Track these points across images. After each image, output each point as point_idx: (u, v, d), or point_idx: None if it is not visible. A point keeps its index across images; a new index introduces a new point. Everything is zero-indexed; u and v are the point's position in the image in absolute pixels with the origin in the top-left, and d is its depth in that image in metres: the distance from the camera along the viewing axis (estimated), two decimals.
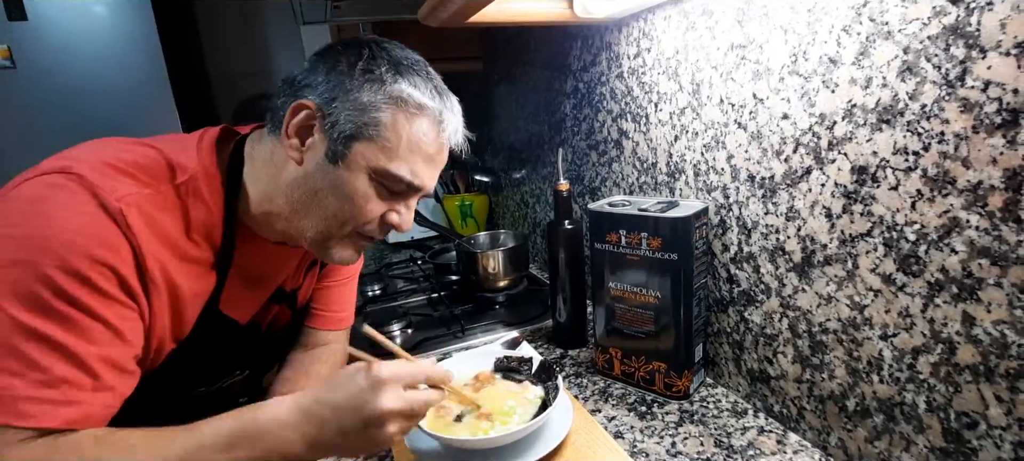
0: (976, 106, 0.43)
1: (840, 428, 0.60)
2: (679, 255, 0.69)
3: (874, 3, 0.49)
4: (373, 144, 0.56)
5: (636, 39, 0.85)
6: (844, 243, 0.56)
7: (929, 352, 0.49)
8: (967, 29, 0.43)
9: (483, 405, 0.65)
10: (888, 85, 0.49)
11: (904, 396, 0.52)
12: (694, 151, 0.76)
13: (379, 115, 0.55)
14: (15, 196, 0.49)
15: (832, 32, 0.54)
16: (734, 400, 0.74)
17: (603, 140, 1.00)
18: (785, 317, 0.65)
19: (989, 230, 0.43)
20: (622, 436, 0.68)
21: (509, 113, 1.43)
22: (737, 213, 0.70)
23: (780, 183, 0.62)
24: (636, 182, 0.92)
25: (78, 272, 0.46)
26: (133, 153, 0.55)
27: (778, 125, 0.61)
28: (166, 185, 0.55)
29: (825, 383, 0.61)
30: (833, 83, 0.54)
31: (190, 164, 0.57)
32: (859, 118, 0.52)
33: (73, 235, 0.47)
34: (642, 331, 0.75)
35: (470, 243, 1.25)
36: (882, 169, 0.51)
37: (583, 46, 1.02)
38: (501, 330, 1.02)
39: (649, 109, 0.85)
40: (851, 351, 0.57)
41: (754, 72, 0.64)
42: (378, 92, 0.55)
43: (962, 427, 0.48)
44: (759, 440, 0.65)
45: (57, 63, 1.61)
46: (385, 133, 0.56)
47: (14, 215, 0.47)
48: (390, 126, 0.56)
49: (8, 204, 0.49)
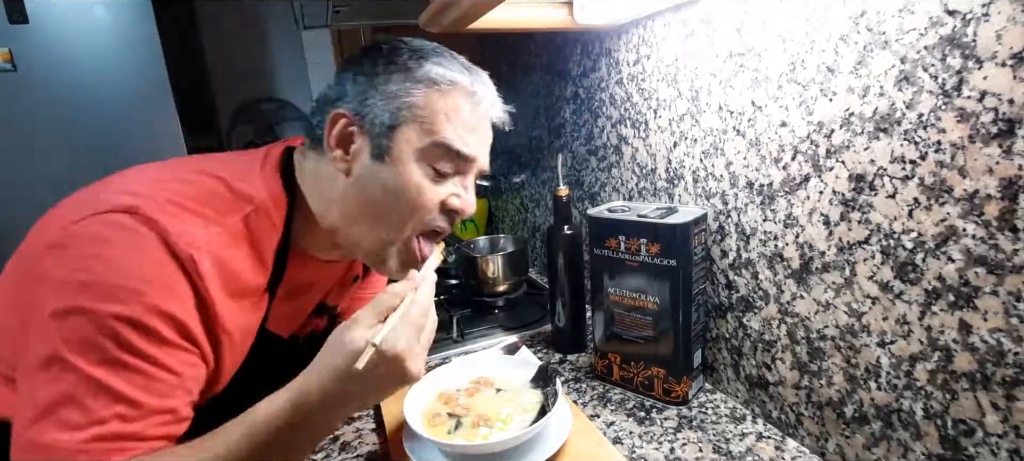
0: (972, 116, 0.43)
1: (838, 434, 0.60)
2: (678, 261, 0.69)
3: (871, 13, 0.50)
4: (413, 126, 0.55)
5: (636, 46, 0.86)
6: (842, 250, 0.56)
7: (926, 359, 0.50)
8: (963, 40, 0.43)
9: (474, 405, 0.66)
10: (885, 94, 0.50)
11: (902, 403, 0.53)
12: (693, 158, 0.76)
13: (412, 98, 0.55)
14: (80, 235, 0.47)
15: (830, 41, 0.54)
16: (733, 406, 0.74)
17: (603, 145, 1.01)
18: (783, 323, 0.65)
19: (985, 239, 0.44)
20: (621, 441, 0.68)
21: (509, 117, 1.43)
22: (736, 220, 0.70)
23: (778, 190, 0.63)
24: (636, 188, 0.92)
25: (144, 324, 0.45)
26: (195, 186, 0.53)
27: (776, 133, 0.62)
28: (233, 217, 0.53)
29: (823, 389, 0.61)
30: (831, 91, 0.55)
31: (257, 192, 0.55)
32: (857, 126, 0.53)
33: (141, 284, 0.45)
34: (641, 336, 0.75)
35: (470, 247, 1.25)
36: (879, 177, 0.51)
37: (583, 52, 1.02)
38: (500, 334, 1.02)
39: (648, 115, 0.85)
40: (849, 358, 0.57)
41: (753, 80, 0.64)
42: (406, 78, 0.55)
43: (959, 434, 0.48)
44: (757, 446, 0.65)
45: (57, 66, 1.61)
46: (421, 113, 0.55)
47: (79, 258, 0.46)
48: (425, 105, 0.55)
49: (73, 244, 0.46)
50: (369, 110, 0.55)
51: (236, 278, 0.53)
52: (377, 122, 0.55)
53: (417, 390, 0.69)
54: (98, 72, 1.68)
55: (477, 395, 0.70)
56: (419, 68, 0.56)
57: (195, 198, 0.52)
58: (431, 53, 0.57)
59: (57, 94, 1.62)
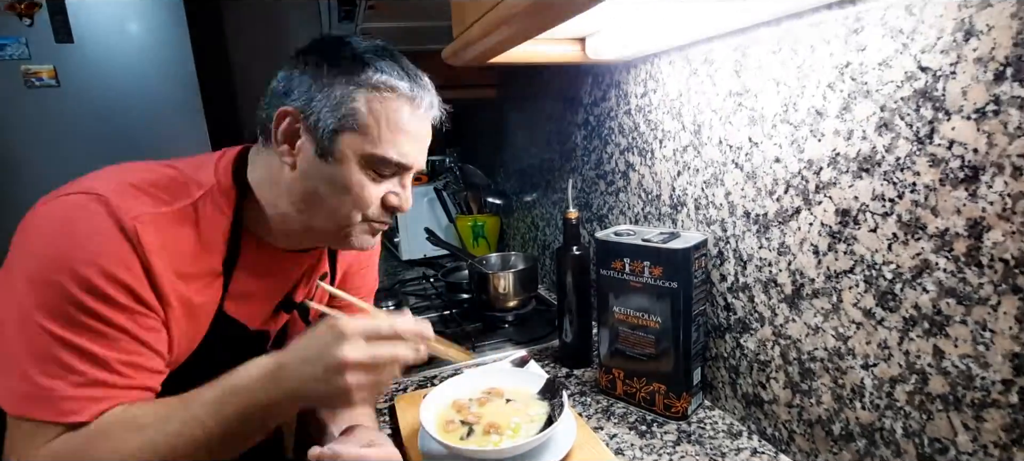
0: (942, 161, 0.48)
1: (827, 451, 0.64)
2: (679, 283, 0.74)
3: (855, 64, 0.55)
4: (356, 134, 0.59)
5: (643, 80, 0.91)
6: (829, 278, 0.61)
7: (905, 382, 0.54)
8: (934, 93, 0.48)
9: (485, 414, 0.71)
10: (867, 138, 0.54)
11: (884, 422, 0.57)
12: (695, 186, 0.81)
13: (355, 105, 0.59)
14: (44, 215, 0.55)
15: (818, 87, 0.59)
16: (730, 422, 0.78)
17: (611, 171, 1.06)
18: (777, 345, 0.69)
19: (955, 272, 0.48)
20: (622, 453, 0.72)
21: (521, 139, 1.49)
22: (734, 246, 0.75)
23: (772, 220, 0.68)
24: (641, 212, 0.97)
25: (98, 289, 0.52)
26: (154, 173, 0.60)
27: (771, 167, 0.67)
28: (182, 201, 0.59)
29: (813, 408, 0.65)
30: (819, 133, 0.60)
31: (207, 180, 0.62)
32: (842, 165, 0.58)
33: (92, 254, 0.52)
34: (644, 354, 0.80)
35: (482, 263, 1.30)
36: (862, 213, 0.56)
37: (594, 82, 1.08)
38: (510, 348, 1.06)
39: (654, 145, 0.91)
40: (836, 379, 0.61)
41: (750, 118, 0.69)
42: (349, 83, 0.59)
43: (935, 452, 0.52)
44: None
45: (97, 81, 1.71)
46: (364, 120, 0.59)
47: (44, 235, 0.53)
48: (367, 113, 0.59)
49: (38, 222, 0.54)
50: (313, 111, 0.59)
51: (181, 255, 0.58)
52: (321, 124, 0.59)
53: (433, 398, 0.74)
54: (135, 87, 1.77)
55: (488, 404, 0.75)
56: (362, 72, 0.59)
57: (150, 183, 0.59)
58: (374, 57, 0.61)
59: (97, 108, 1.71)
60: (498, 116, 1.65)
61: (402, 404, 0.84)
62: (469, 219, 1.71)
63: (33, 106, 1.66)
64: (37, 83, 1.65)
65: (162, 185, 0.60)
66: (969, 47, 0.45)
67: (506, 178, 1.68)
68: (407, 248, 1.77)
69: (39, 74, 1.63)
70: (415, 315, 1.28)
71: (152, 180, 0.59)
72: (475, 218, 1.71)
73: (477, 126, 1.90)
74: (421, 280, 1.56)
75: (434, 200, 1.74)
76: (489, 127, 1.75)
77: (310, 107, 0.60)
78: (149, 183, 0.59)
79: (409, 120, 0.62)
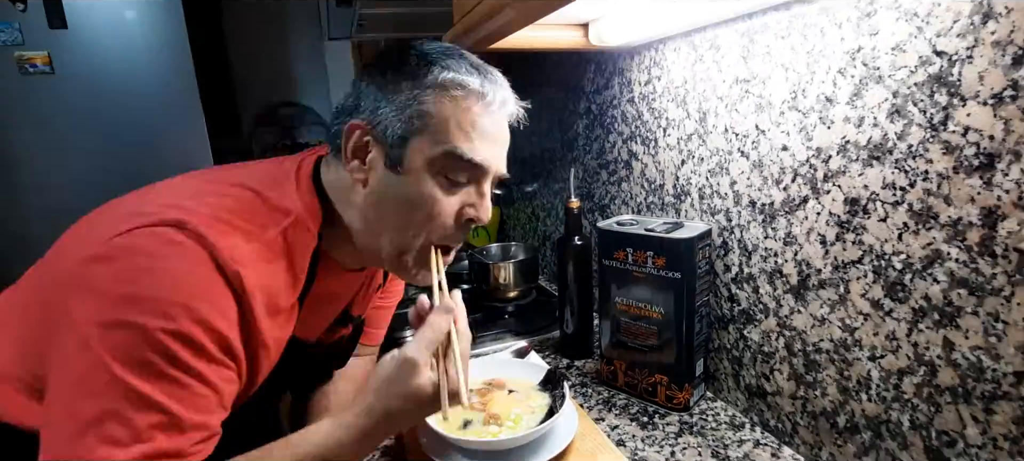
0: (957, 149, 0.47)
1: (831, 443, 0.63)
2: (682, 274, 0.73)
3: (867, 50, 0.54)
4: (425, 136, 0.55)
5: (647, 67, 0.90)
6: (837, 269, 0.60)
7: (913, 374, 0.53)
8: (949, 79, 0.47)
9: (491, 407, 0.70)
10: (879, 125, 0.53)
11: (890, 414, 0.56)
12: (699, 175, 0.80)
13: (423, 107, 0.55)
14: (128, 247, 0.47)
15: (829, 73, 0.58)
16: (732, 414, 0.77)
17: (613, 160, 1.05)
18: (782, 336, 0.68)
19: (967, 263, 0.47)
20: (624, 444, 0.71)
21: (522, 129, 1.48)
22: (738, 236, 0.74)
23: (779, 210, 0.66)
24: (644, 202, 0.96)
25: (192, 338, 0.45)
26: (235, 199, 0.54)
27: (778, 156, 0.66)
28: (272, 231, 0.54)
29: (818, 400, 0.64)
30: (829, 120, 0.58)
31: (293, 204, 0.56)
32: (852, 153, 0.56)
33: (190, 299, 0.45)
34: (646, 345, 0.79)
35: (482, 254, 1.29)
36: (872, 202, 0.55)
37: (597, 70, 1.06)
38: (510, 339, 1.06)
39: (658, 133, 0.89)
40: (842, 370, 0.61)
41: (757, 105, 0.68)
42: (416, 85, 0.55)
43: (942, 445, 0.51)
44: (755, 453, 0.68)
45: (92, 69, 1.68)
46: (432, 122, 0.55)
47: (127, 270, 0.46)
48: (436, 113, 0.55)
49: (120, 256, 0.46)
50: (381, 120, 0.55)
51: (275, 295, 0.54)
52: (389, 132, 0.55)
53: None
54: (130, 75, 1.75)
55: (489, 395, 0.74)
56: (428, 74, 0.55)
57: (237, 212, 0.52)
58: (440, 56, 0.56)
59: (92, 96, 1.70)
60: None
61: None
62: None
63: (28, 93, 1.64)
64: (32, 70, 1.63)
65: (247, 213, 0.53)
66: (987, 30, 0.44)
67: (507, 167, 1.66)
68: None
69: (33, 60, 1.61)
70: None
71: (237, 208, 0.53)
72: None
73: None
74: None
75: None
76: None
77: (377, 116, 0.56)
78: (235, 212, 0.52)
79: (481, 117, 0.56)
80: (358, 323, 0.77)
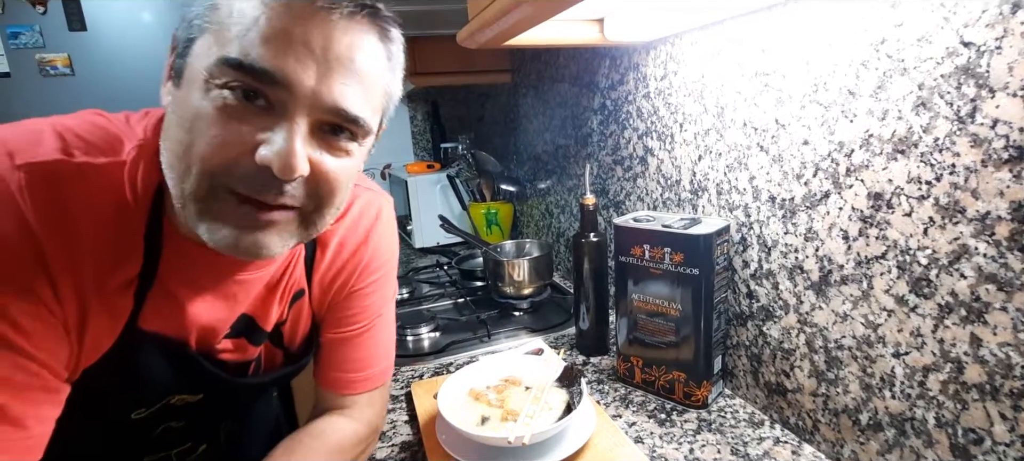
0: (985, 142, 0.46)
1: (853, 441, 0.63)
2: (700, 270, 0.72)
3: (891, 41, 0.53)
4: (208, 35, 0.40)
5: (663, 62, 0.89)
6: (860, 264, 0.59)
7: (939, 370, 0.52)
8: (977, 70, 0.46)
9: (503, 401, 0.71)
10: (903, 118, 0.52)
11: (915, 412, 0.55)
12: (717, 171, 0.80)
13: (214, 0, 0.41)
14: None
15: (851, 65, 0.57)
16: (751, 411, 0.77)
17: (629, 156, 1.04)
18: (802, 333, 0.68)
19: (996, 258, 0.46)
20: (642, 441, 0.71)
21: (536, 124, 1.48)
22: (758, 232, 0.73)
23: (800, 205, 0.66)
24: (660, 198, 0.96)
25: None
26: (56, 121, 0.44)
27: (799, 150, 0.65)
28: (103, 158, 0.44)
29: (839, 397, 0.64)
30: (851, 113, 0.58)
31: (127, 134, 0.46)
32: (876, 147, 0.55)
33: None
34: (663, 341, 0.78)
35: (497, 251, 1.29)
36: (897, 196, 0.54)
37: (611, 65, 1.06)
38: (525, 336, 1.06)
39: (674, 129, 0.89)
40: (865, 367, 0.60)
41: (776, 99, 0.67)
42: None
43: (969, 443, 0.51)
44: (774, 450, 0.68)
45: (111, 70, 1.71)
46: (218, 14, 0.40)
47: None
48: (222, 4, 0.41)
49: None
50: (182, 22, 0.44)
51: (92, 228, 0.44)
52: (182, 35, 0.43)
53: (450, 385, 0.73)
54: (148, 75, 1.78)
55: (506, 392, 0.74)
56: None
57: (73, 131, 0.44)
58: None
59: (110, 96, 1.73)
60: (512, 102, 1.63)
61: (419, 391, 0.83)
62: (482, 206, 1.70)
63: (49, 94, 1.68)
64: (52, 71, 1.66)
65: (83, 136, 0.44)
66: (1016, 20, 0.43)
67: (520, 164, 1.66)
68: (420, 236, 1.77)
69: (54, 62, 1.64)
70: (430, 302, 1.28)
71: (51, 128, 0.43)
72: (488, 205, 1.70)
73: (491, 112, 1.88)
74: (435, 268, 1.56)
75: (447, 187, 1.73)
76: (503, 113, 1.73)
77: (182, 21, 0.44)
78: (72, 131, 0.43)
79: (284, 12, 0.39)
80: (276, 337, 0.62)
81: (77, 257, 0.42)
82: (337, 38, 0.41)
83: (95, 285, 0.44)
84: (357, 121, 0.44)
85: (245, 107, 0.40)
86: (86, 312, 0.44)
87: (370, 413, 0.67)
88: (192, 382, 0.56)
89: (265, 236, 0.43)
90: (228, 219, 0.42)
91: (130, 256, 0.45)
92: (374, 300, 0.66)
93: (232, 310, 0.55)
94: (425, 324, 1.11)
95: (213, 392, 0.58)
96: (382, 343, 0.68)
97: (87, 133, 0.44)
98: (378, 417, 0.69)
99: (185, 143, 0.40)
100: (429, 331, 1.10)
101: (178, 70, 0.43)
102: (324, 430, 0.62)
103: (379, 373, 0.68)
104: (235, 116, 0.40)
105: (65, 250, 0.41)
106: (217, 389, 0.58)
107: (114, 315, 0.46)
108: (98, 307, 0.44)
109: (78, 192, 0.42)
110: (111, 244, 0.44)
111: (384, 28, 0.46)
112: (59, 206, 0.41)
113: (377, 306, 0.67)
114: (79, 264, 0.42)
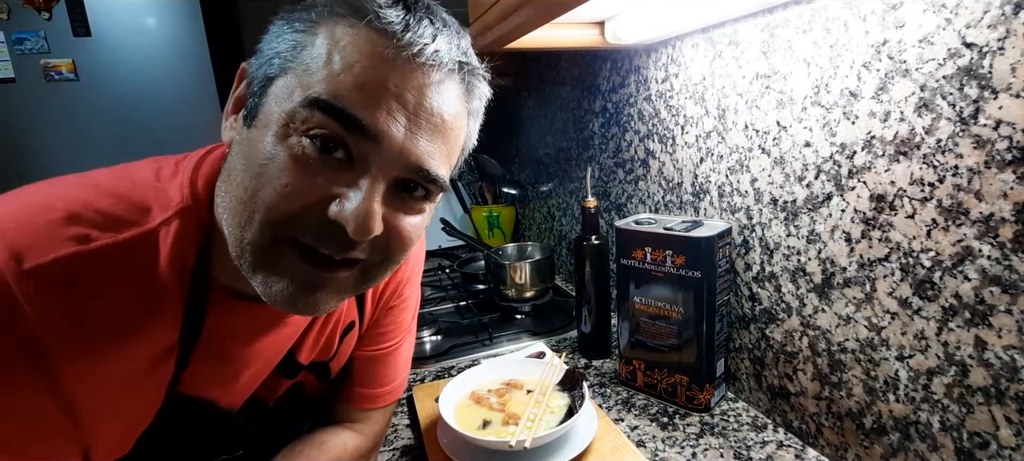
0: (988, 143, 0.46)
1: (857, 445, 0.62)
2: (702, 273, 0.72)
3: (893, 43, 0.52)
4: (290, 76, 0.38)
5: (664, 64, 0.89)
6: (863, 267, 0.58)
7: (943, 374, 0.52)
8: (980, 71, 0.46)
9: (505, 405, 0.70)
10: (906, 119, 0.52)
11: (919, 415, 0.55)
12: (719, 173, 0.79)
13: (300, 36, 0.38)
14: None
15: (853, 67, 0.57)
16: (754, 415, 0.76)
17: (630, 159, 1.04)
18: (805, 336, 0.67)
19: (1000, 260, 0.46)
20: (644, 445, 0.71)
21: (537, 128, 1.48)
22: (760, 234, 0.73)
23: (802, 207, 0.65)
24: (662, 200, 0.95)
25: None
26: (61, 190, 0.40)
27: (801, 152, 0.64)
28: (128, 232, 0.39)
29: (843, 401, 0.63)
30: (853, 115, 0.57)
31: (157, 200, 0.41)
32: (878, 149, 0.55)
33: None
34: (665, 345, 0.78)
35: (499, 254, 1.29)
36: (899, 198, 0.54)
37: (613, 68, 1.06)
38: (527, 339, 1.05)
39: (676, 131, 0.88)
40: (868, 371, 0.59)
41: (778, 101, 0.67)
42: (307, 19, 0.39)
43: (974, 447, 0.50)
44: (778, 454, 0.67)
45: (115, 75, 1.73)
46: (304, 55, 0.37)
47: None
48: (309, 45, 0.38)
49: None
50: (258, 58, 0.41)
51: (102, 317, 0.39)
52: (259, 73, 0.40)
53: (451, 389, 0.73)
54: (153, 80, 1.79)
55: (507, 395, 0.74)
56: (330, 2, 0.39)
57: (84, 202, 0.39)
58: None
59: (116, 102, 1.74)
60: (513, 105, 1.63)
61: (420, 394, 0.83)
62: (484, 209, 1.70)
63: (54, 100, 1.69)
64: (57, 76, 1.67)
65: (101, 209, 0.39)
66: (1019, 21, 0.43)
67: (521, 168, 1.66)
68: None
69: (58, 67, 1.65)
70: (432, 305, 1.28)
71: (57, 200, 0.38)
72: (490, 208, 1.70)
73: (492, 115, 1.89)
74: (437, 271, 1.56)
75: (449, 190, 1.73)
76: (504, 116, 1.74)
77: (257, 53, 0.41)
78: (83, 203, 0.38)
79: (381, 63, 0.37)
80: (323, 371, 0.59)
81: (96, 351, 0.38)
82: (430, 94, 0.39)
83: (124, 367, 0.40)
84: (437, 181, 0.41)
85: (322, 159, 0.37)
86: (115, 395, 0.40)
87: (379, 428, 0.67)
88: (234, 442, 0.54)
89: (323, 294, 0.41)
90: (286, 273, 0.39)
91: (165, 327, 0.42)
92: (406, 314, 0.65)
93: (276, 359, 0.53)
94: (427, 327, 1.11)
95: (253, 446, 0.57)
96: (405, 357, 0.68)
97: (108, 205, 0.39)
98: (384, 432, 0.69)
99: (251, 189, 0.37)
100: (431, 334, 1.10)
101: (252, 110, 0.40)
102: (325, 441, 0.61)
103: (398, 387, 0.67)
104: (311, 167, 0.37)
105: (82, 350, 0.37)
106: (258, 443, 0.56)
107: (156, 383, 0.43)
108: (129, 382, 0.41)
109: (97, 286, 0.37)
110: (139, 324, 0.40)
111: (472, 84, 0.44)
112: (76, 308, 0.36)
113: (408, 320, 0.66)
114: (99, 356, 0.38)
